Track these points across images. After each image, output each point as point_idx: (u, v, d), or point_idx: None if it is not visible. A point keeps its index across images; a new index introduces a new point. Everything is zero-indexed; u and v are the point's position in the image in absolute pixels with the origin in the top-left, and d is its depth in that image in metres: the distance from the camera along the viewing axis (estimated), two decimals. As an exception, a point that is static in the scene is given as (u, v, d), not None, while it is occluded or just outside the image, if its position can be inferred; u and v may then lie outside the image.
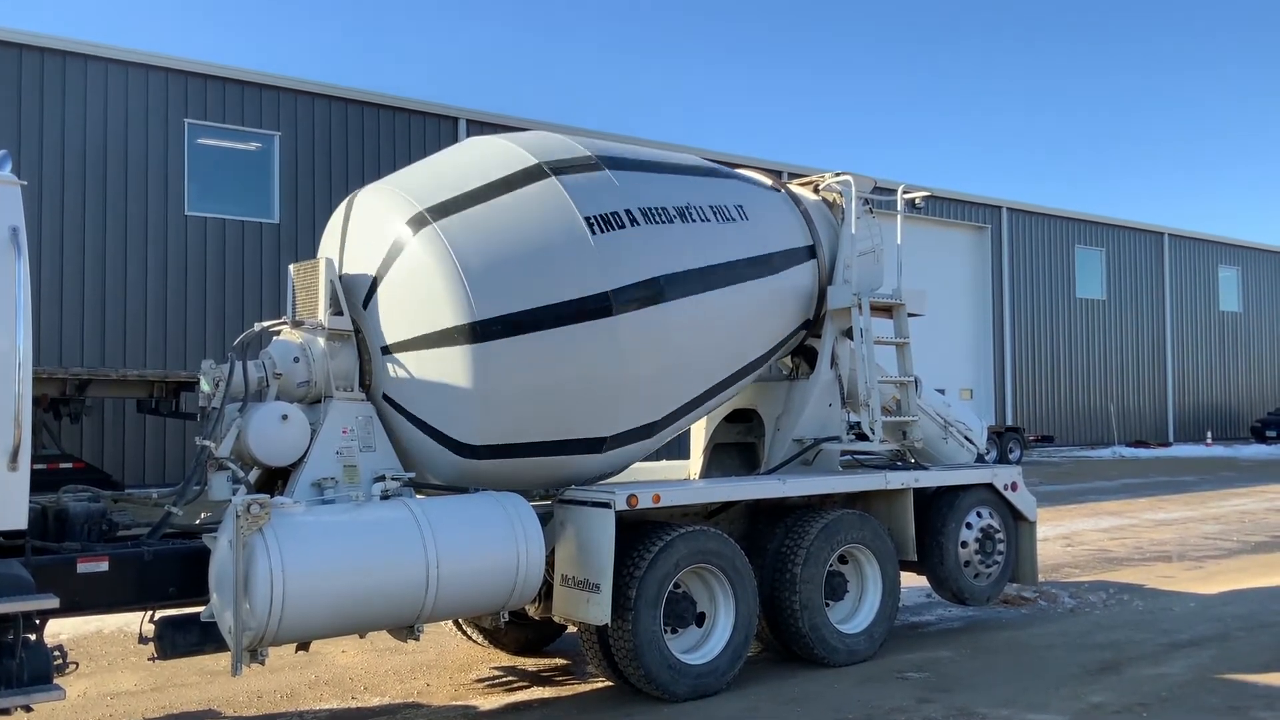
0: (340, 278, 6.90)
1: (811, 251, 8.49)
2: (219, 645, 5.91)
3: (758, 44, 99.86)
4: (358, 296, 6.86)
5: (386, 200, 6.95)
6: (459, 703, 7.11)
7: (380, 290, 6.75)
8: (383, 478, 6.54)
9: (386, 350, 6.74)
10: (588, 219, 6.86)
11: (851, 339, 8.60)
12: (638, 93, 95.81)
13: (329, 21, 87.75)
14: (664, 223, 7.27)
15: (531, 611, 7.23)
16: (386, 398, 6.79)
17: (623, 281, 6.87)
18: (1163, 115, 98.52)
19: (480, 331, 6.47)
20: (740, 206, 7.95)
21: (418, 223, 6.66)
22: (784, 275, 8.16)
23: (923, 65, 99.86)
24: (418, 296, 6.60)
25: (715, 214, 7.69)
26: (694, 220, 7.50)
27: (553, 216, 6.83)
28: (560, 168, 7.04)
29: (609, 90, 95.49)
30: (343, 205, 7.35)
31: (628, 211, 7.08)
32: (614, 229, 6.95)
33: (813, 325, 8.65)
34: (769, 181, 8.80)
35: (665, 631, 6.85)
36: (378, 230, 6.86)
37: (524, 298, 6.59)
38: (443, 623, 7.77)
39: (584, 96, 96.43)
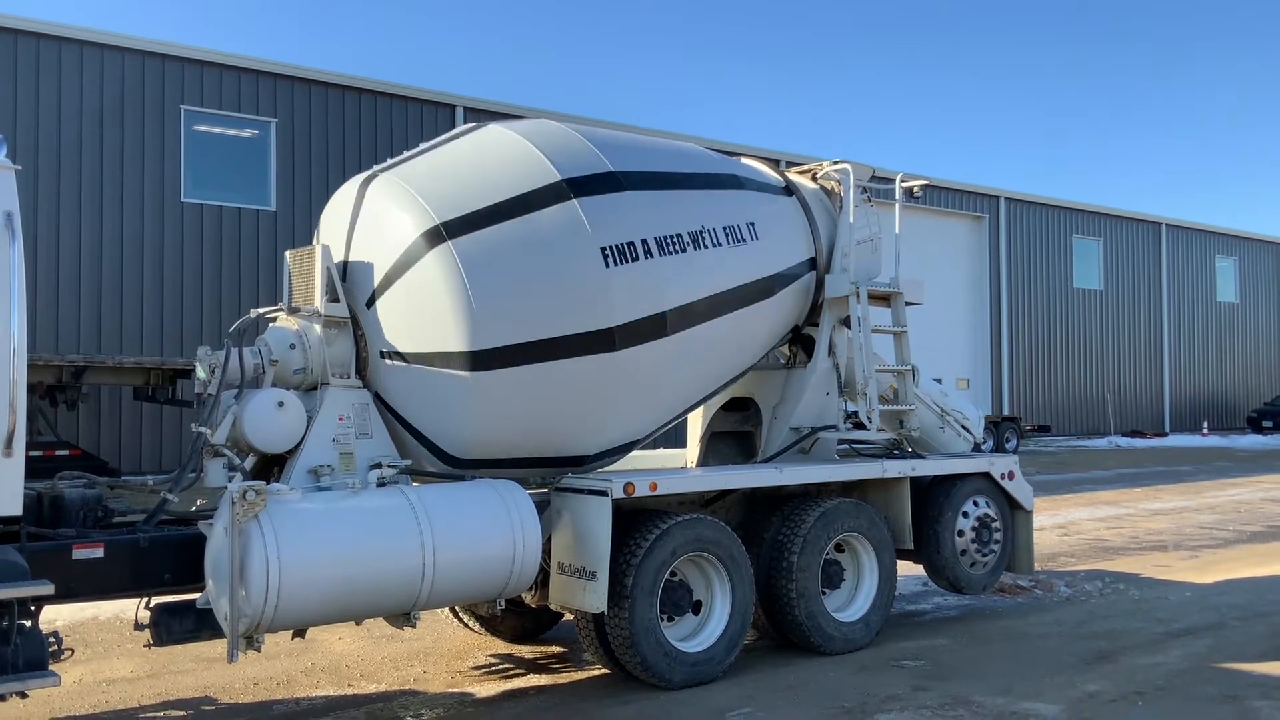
0: (345, 264, 6.87)
1: (813, 263, 8.50)
2: (215, 632, 5.90)
3: (757, 34, 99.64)
4: (362, 291, 6.80)
5: (403, 202, 6.71)
6: (455, 690, 7.11)
7: (387, 295, 6.67)
8: (379, 465, 6.52)
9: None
10: (603, 249, 6.80)
11: (849, 327, 8.59)
12: (637, 81, 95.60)
13: (326, 7, 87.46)
14: (677, 252, 7.21)
15: (528, 599, 7.24)
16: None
17: (629, 317, 6.87)
18: (1161, 106, 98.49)
19: (480, 360, 6.46)
20: (752, 224, 7.86)
21: (433, 238, 6.50)
22: (786, 292, 8.20)
23: (922, 55, 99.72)
24: (423, 313, 6.54)
25: (728, 236, 7.64)
26: (706, 246, 7.45)
27: (570, 247, 6.72)
28: (581, 187, 6.89)
29: (608, 78, 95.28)
30: (352, 189, 7.12)
31: (644, 243, 7.01)
32: (628, 261, 6.90)
33: (811, 313, 8.64)
34: (774, 176, 8.73)
35: (662, 619, 6.86)
36: (391, 232, 6.69)
37: (529, 329, 6.57)
38: (439, 610, 7.77)
39: (582, 85, 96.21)
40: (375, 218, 6.85)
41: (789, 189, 8.60)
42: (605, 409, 7.02)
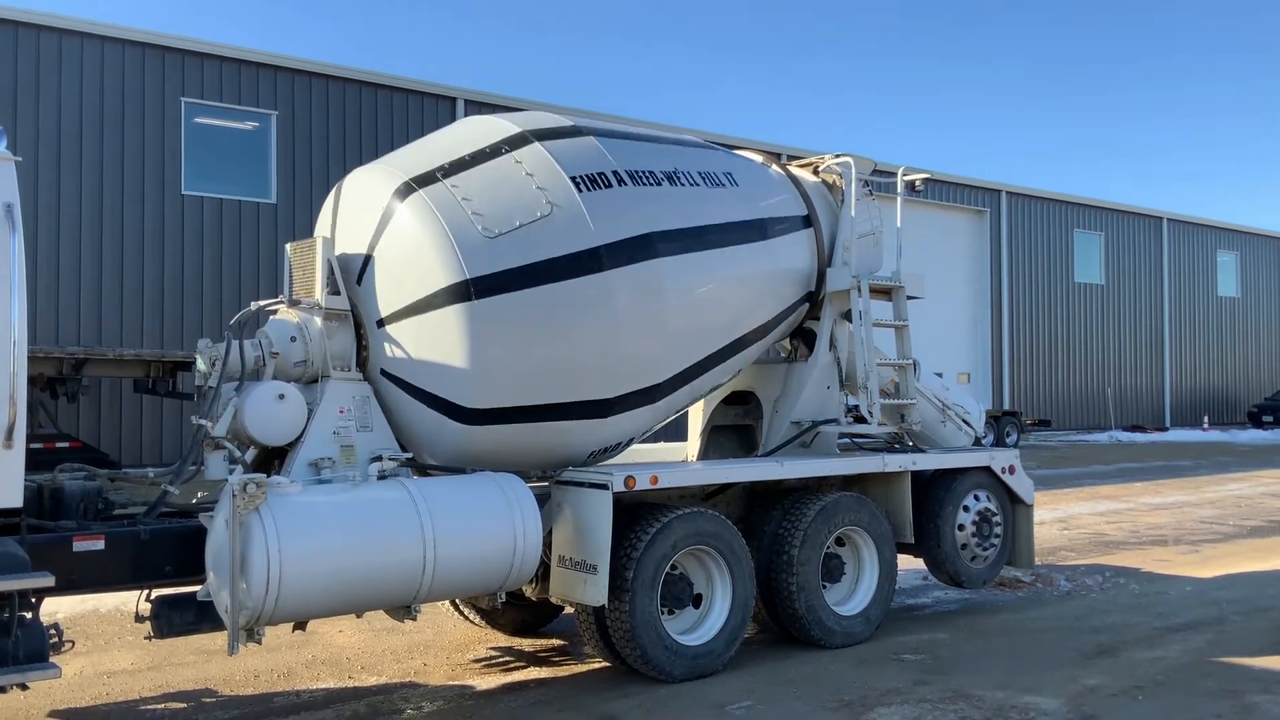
0: (334, 259, 6.88)
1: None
2: (215, 624, 5.91)
3: (758, 27, 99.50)
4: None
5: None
6: (456, 683, 7.12)
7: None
8: (379, 458, 6.52)
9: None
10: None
11: (850, 321, 8.59)
12: (637, 73, 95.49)
13: (327, 0, 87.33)
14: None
15: (529, 592, 7.24)
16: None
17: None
18: (1163, 100, 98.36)
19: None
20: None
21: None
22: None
23: (922, 48, 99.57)
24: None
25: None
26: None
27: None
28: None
29: (609, 71, 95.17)
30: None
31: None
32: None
33: (812, 307, 8.63)
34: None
35: (662, 613, 6.86)
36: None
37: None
38: (440, 603, 7.77)
39: (583, 79, 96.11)
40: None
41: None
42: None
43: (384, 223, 6.71)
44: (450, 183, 6.72)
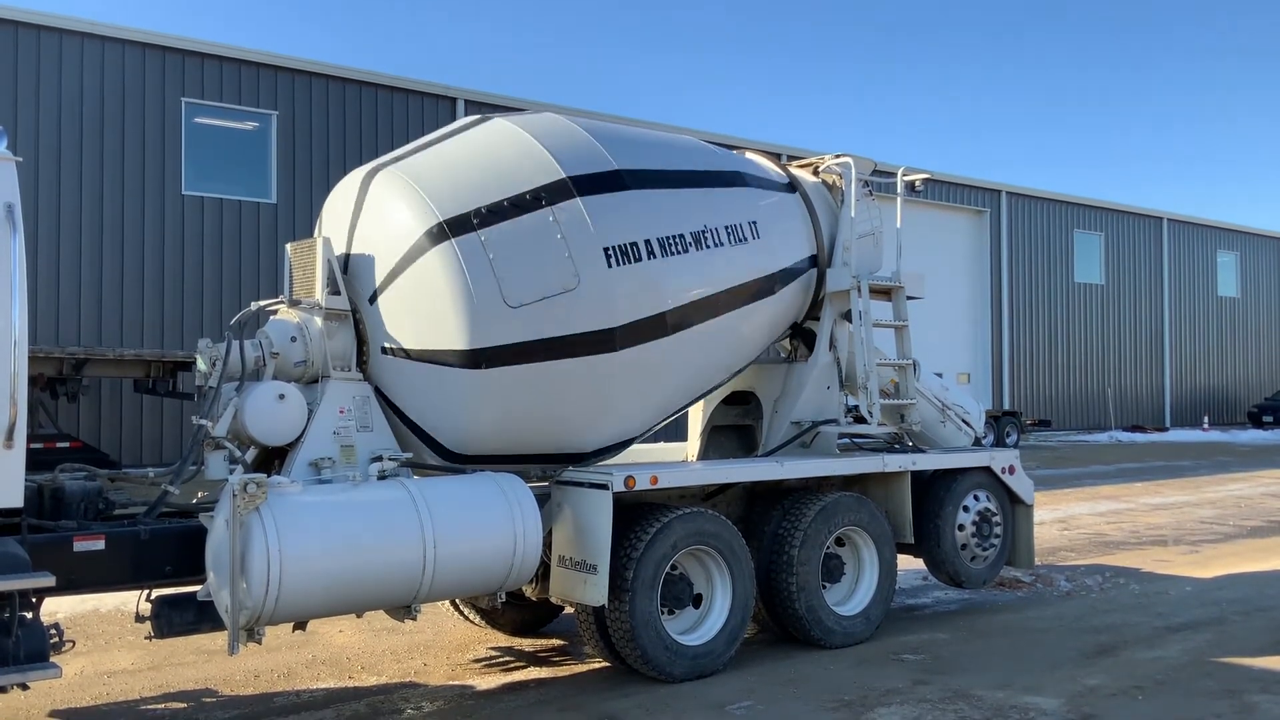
0: (347, 257, 6.87)
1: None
2: (215, 624, 5.91)
3: (757, 26, 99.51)
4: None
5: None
6: (456, 683, 7.12)
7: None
8: (380, 458, 6.52)
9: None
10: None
11: (850, 322, 8.59)
12: (637, 73, 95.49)
13: (327, 0, 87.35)
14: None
15: (529, 592, 7.24)
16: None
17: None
18: (1162, 100, 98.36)
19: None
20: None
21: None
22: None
23: (923, 48, 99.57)
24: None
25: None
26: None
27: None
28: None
29: (609, 70, 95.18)
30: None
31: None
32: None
33: (812, 307, 8.64)
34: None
35: (662, 613, 6.86)
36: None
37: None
38: (440, 603, 7.77)
39: (583, 77, 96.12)
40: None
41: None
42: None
43: (409, 258, 6.56)
44: (483, 235, 6.54)
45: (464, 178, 6.82)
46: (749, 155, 8.86)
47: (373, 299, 6.75)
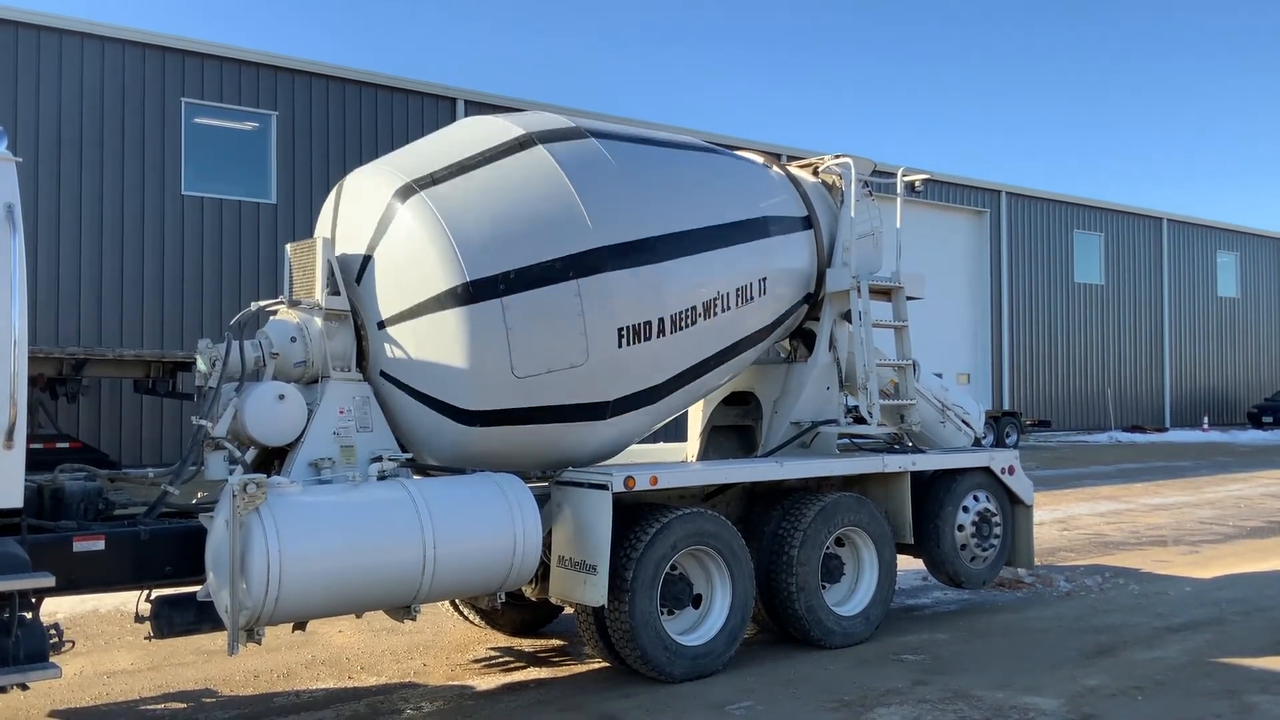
0: (363, 266, 6.87)
1: (808, 221, 8.47)
2: (215, 624, 5.91)
3: (757, 26, 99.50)
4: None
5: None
6: (455, 683, 7.12)
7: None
8: (379, 458, 6.53)
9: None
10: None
11: (850, 322, 8.59)
12: (637, 75, 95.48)
13: (327, 0, 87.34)
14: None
15: (528, 593, 7.24)
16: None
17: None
18: (1163, 100, 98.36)
19: (472, 292, 6.44)
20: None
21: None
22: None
23: (923, 48, 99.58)
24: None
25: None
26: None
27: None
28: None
29: (607, 69, 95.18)
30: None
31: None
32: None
33: (812, 307, 8.64)
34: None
35: (662, 613, 6.86)
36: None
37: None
38: (439, 603, 7.77)
39: (583, 78, 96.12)
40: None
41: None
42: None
43: (385, 223, 6.68)
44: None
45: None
46: (773, 171, 8.65)
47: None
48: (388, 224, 6.71)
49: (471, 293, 6.43)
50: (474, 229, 6.57)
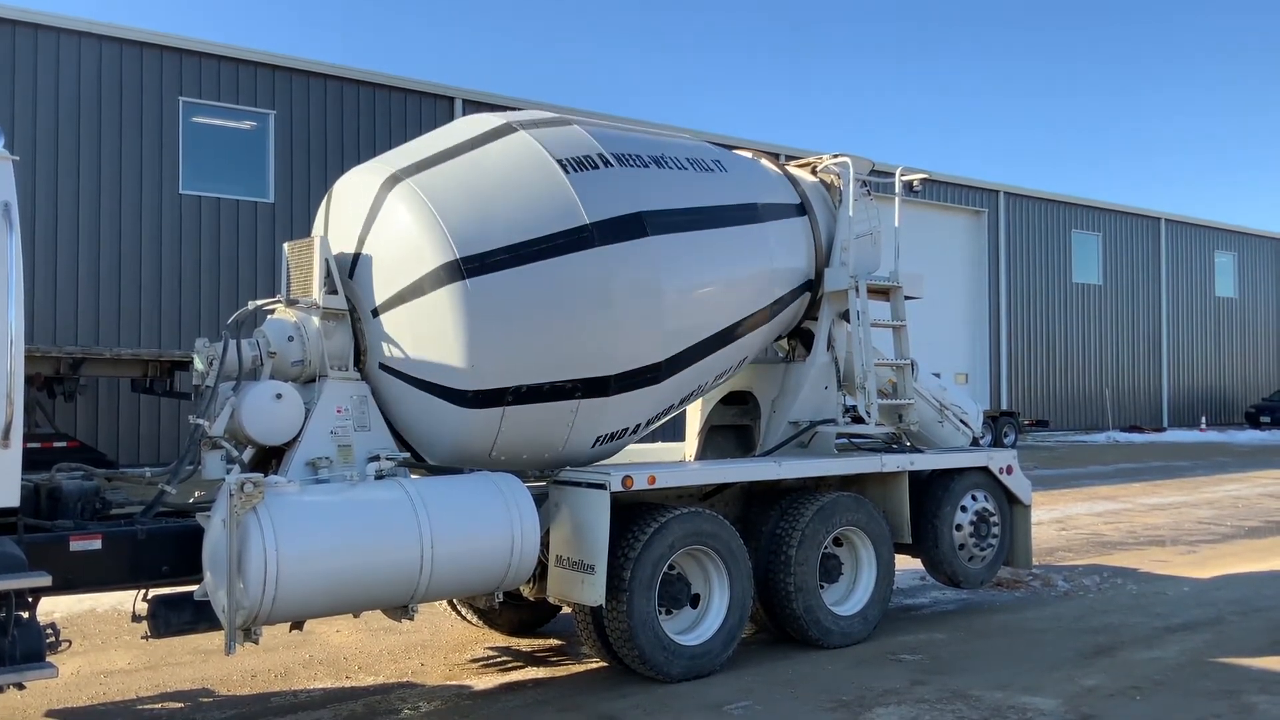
0: (356, 257, 6.88)
1: (801, 209, 8.48)
2: (212, 624, 5.90)
3: (755, 26, 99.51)
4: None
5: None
6: (453, 683, 7.11)
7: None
8: (377, 458, 6.52)
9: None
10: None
11: (848, 322, 8.58)
12: (637, 75, 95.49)
13: (326, 0, 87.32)
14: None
15: (526, 592, 7.23)
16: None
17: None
18: (1161, 100, 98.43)
19: (462, 270, 6.44)
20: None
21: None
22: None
23: (921, 48, 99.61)
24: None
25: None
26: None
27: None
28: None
29: (606, 69, 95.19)
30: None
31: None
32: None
33: (810, 307, 8.63)
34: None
35: (660, 613, 6.86)
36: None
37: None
38: (437, 603, 7.77)
39: (583, 78, 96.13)
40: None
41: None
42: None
43: (373, 213, 6.74)
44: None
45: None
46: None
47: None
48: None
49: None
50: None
